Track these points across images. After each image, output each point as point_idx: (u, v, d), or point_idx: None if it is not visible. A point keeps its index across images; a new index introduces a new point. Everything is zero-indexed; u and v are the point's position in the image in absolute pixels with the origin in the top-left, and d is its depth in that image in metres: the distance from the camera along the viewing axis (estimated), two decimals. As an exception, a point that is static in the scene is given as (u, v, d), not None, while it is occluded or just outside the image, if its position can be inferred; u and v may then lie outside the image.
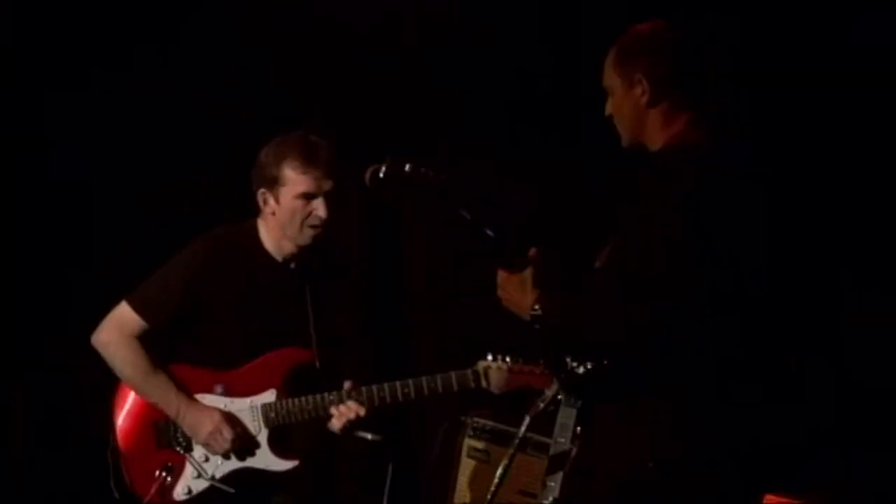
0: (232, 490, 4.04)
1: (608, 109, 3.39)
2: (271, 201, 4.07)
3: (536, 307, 3.21)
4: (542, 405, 3.82)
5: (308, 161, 4.02)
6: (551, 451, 3.54)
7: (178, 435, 4.09)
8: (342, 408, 4.06)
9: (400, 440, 5.11)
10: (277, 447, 4.10)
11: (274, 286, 4.13)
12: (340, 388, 4.09)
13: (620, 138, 3.39)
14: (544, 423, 3.71)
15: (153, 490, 4.02)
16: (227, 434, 4.04)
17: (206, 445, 4.06)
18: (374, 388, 4.06)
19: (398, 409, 5.15)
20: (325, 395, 4.08)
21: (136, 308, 4.09)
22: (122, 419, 4.13)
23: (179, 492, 4.05)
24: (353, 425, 4.09)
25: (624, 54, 3.34)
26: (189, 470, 4.06)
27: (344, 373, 4.13)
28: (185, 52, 5.49)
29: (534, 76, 5.31)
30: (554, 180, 5.28)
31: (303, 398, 4.09)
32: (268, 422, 4.09)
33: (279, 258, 4.15)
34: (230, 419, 4.07)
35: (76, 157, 5.46)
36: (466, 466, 4.88)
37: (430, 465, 5.06)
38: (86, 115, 5.45)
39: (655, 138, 3.31)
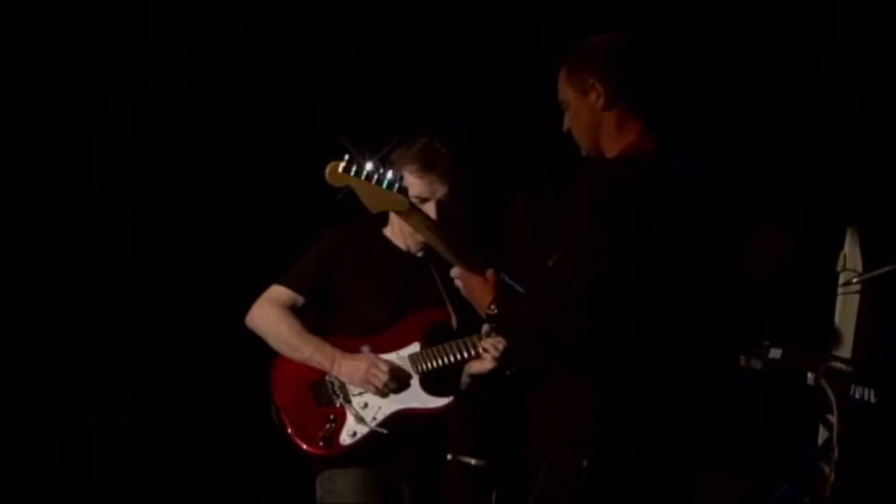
0: (385, 431, 4.23)
1: (566, 124, 3.57)
2: None
3: (493, 307, 3.49)
4: None
5: (425, 167, 4.32)
6: None
7: (336, 389, 4.31)
8: (488, 341, 4.24)
9: (505, 466, 5.22)
10: (429, 389, 4.31)
11: (403, 272, 4.42)
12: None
13: (581, 150, 3.57)
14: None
15: (320, 442, 4.23)
16: (384, 367, 4.26)
17: (364, 384, 4.26)
18: None
19: (505, 432, 5.28)
20: (468, 338, 4.29)
21: (282, 282, 4.41)
22: (279, 389, 4.35)
23: (345, 436, 4.25)
24: (498, 362, 4.27)
25: (576, 64, 3.53)
26: (350, 418, 4.27)
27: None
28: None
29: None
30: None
31: (447, 344, 4.31)
32: (417, 369, 4.31)
33: (404, 248, 4.46)
34: (383, 360, 4.30)
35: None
36: None
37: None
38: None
39: (612, 145, 3.50)
